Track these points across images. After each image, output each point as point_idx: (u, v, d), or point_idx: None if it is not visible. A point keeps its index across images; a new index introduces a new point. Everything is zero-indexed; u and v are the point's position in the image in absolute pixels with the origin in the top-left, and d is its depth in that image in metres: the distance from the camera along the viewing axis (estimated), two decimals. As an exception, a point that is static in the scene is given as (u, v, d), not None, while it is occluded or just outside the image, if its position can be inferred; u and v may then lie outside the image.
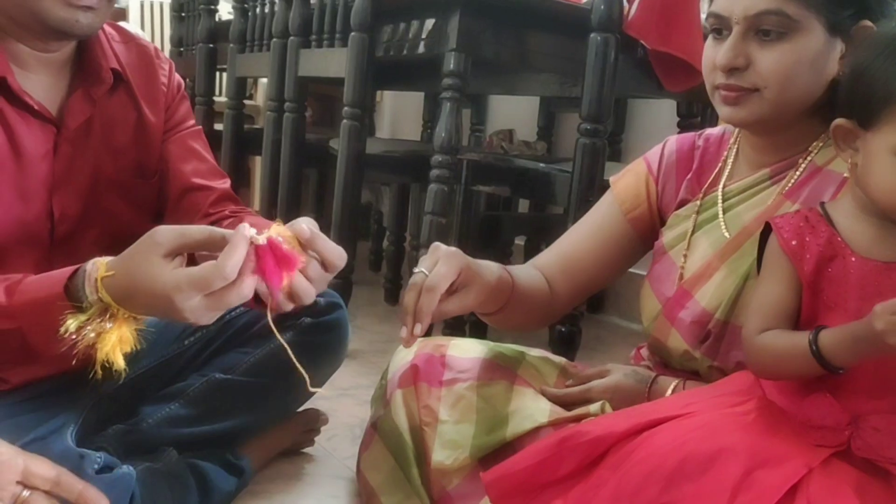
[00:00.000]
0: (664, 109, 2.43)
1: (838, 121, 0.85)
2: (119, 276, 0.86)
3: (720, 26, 0.97)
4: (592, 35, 1.69)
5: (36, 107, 1.09)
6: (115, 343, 0.86)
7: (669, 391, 1.03)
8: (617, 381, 1.06)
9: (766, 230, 0.90)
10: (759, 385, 0.88)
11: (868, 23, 0.95)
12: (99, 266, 0.87)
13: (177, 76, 1.29)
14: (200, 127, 1.33)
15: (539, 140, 2.83)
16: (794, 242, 0.85)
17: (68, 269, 0.91)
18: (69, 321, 0.85)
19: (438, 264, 0.97)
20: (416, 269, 0.98)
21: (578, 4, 1.85)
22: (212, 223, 1.20)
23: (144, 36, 1.24)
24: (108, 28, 1.20)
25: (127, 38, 1.23)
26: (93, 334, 0.85)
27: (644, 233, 1.16)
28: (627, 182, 1.18)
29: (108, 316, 0.86)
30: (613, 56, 1.69)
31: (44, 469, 0.87)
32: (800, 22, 0.92)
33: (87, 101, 1.14)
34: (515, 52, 1.82)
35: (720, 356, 1.01)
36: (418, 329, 0.94)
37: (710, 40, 0.99)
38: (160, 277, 0.84)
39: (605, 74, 1.69)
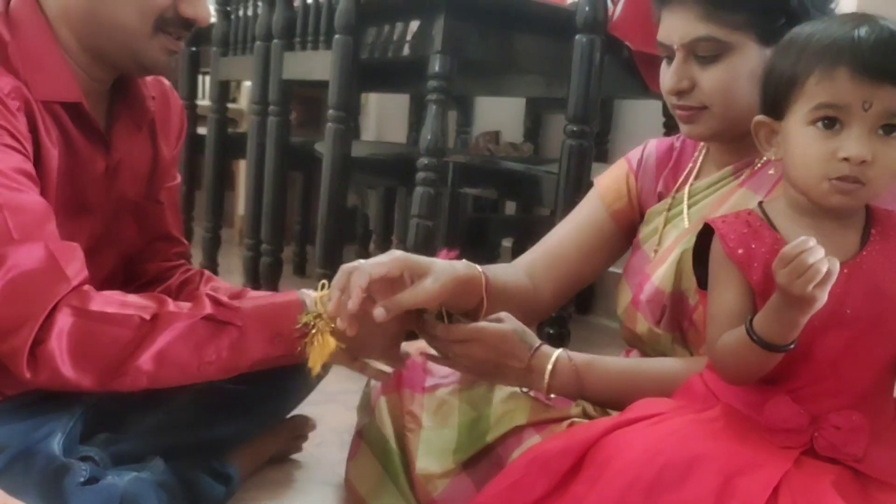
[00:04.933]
0: (650, 110, 2.44)
1: (758, 117, 0.87)
2: None
3: (666, 53, 1.05)
4: (578, 36, 1.69)
5: (103, 131, 1.11)
6: (325, 346, 1.00)
7: (549, 365, 1.02)
8: (508, 330, 1.03)
9: (705, 229, 0.89)
10: (712, 392, 0.87)
11: None
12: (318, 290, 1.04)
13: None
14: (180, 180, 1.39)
15: (525, 142, 2.82)
16: (740, 251, 0.84)
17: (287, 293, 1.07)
18: (303, 316, 1.01)
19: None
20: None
21: (563, 6, 1.85)
22: (166, 270, 1.29)
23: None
24: None
25: None
26: (314, 331, 1.00)
27: (625, 227, 1.20)
28: (610, 177, 1.23)
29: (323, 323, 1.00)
30: (599, 57, 1.69)
31: None
32: (731, 43, 0.98)
33: (133, 128, 1.18)
34: (501, 54, 1.81)
35: (677, 327, 1.05)
36: (351, 304, 0.95)
37: (663, 65, 1.06)
38: None
39: (591, 75, 1.69)
